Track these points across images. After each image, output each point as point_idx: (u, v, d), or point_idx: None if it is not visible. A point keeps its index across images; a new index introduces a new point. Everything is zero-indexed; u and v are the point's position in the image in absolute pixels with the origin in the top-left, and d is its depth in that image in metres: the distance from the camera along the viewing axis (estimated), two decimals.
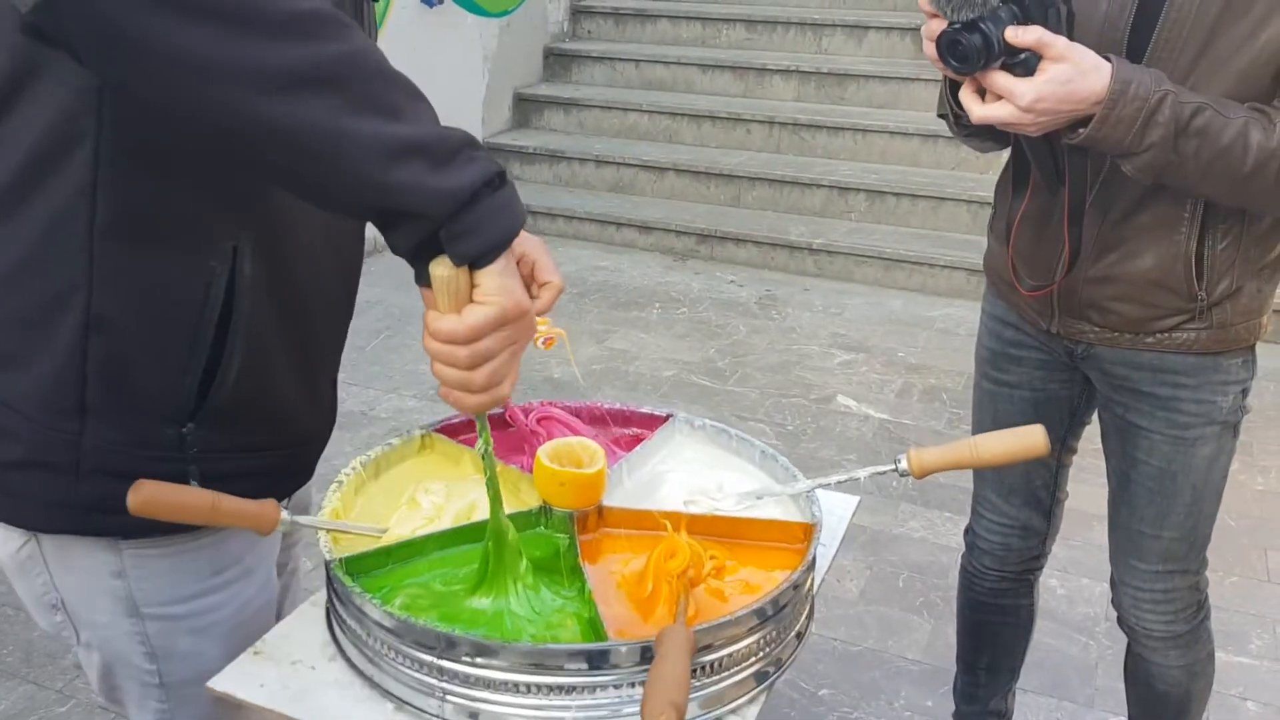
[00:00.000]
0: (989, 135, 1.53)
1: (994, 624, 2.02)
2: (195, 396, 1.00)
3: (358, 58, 0.81)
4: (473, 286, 0.85)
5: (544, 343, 1.15)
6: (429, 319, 0.87)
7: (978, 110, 1.35)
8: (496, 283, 0.85)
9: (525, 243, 1.08)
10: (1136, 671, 1.86)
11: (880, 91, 5.51)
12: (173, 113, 0.81)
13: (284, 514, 1.07)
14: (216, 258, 0.96)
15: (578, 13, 6.40)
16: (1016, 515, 1.88)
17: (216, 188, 0.94)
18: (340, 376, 1.24)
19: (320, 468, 1.27)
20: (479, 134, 5.75)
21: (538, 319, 1.07)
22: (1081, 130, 1.32)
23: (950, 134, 1.62)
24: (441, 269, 0.84)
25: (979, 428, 1.85)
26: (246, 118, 0.78)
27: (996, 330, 1.76)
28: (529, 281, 1.06)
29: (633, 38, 6.29)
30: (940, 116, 1.58)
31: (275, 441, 1.10)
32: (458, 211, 0.82)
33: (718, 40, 6.09)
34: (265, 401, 1.06)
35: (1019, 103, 1.30)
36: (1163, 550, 1.68)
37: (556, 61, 6.22)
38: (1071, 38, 1.31)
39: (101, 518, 1.02)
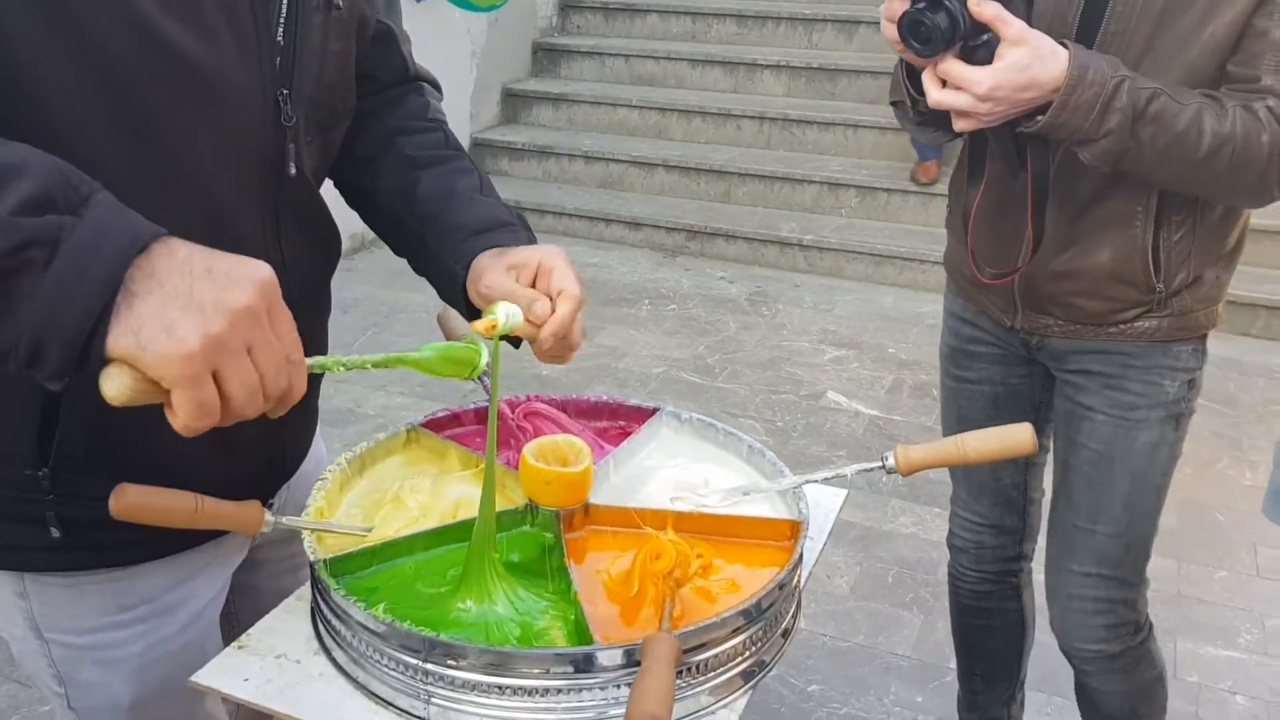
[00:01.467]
0: (941, 124, 1.49)
1: (981, 627, 2.01)
2: (36, 440, 0.94)
3: None
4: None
5: (486, 324, 1.01)
6: (171, 421, 0.75)
7: (935, 95, 1.33)
8: (159, 356, 0.69)
9: (541, 252, 1.07)
10: (1081, 693, 1.84)
11: (871, 86, 5.51)
12: None
13: (268, 515, 1.05)
14: None
15: (567, 7, 6.37)
16: (987, 514, 1.87)
17: None
18: (325, 375, 1.21)
19: (306, 464, 1.25)
20: (467, 130, 5.73)
21: (503, 303, 1.02)
22: (1040, 118, 1.31)
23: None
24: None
25: (946, 426, 1.85)
26: None
27: (955, 327, 1.76)
28: (546, 293, 1.03)
29: (622, 32, 6.27)
30: (893, 104, 1.55)
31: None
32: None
33: (708, 35, 6.08)
34: (138, 451, 0.97)
35: (976, 90, 1.29)
36: (1096, 549, 1.65)
37: (545, 56, 6.20)
38: (1030, 21, 1.30)
39: None
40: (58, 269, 0.67)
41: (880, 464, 1.14)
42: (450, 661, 0.95)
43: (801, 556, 1.09)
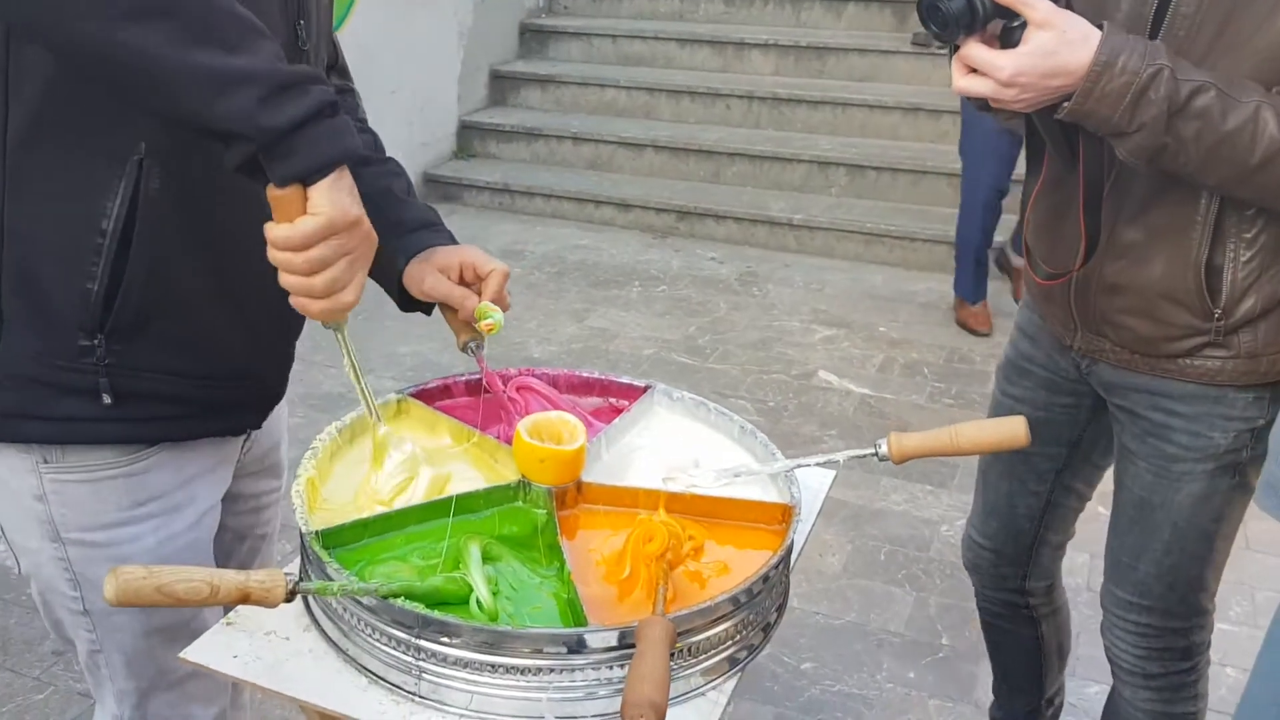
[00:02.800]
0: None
1: (995, 641, 1.92)
2: (101, 308, 1.04)
3: None
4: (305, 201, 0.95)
5: (486, 325, 1.23)
6: (267, 230, 0.96)
7: (959, 81, 1.25)
8: (325, 196, 0.94)
9: (461, 252, 1.26)
10: (1110, 704, 1.74)
11: (860, 65, 5.49)
12: (39, 40, 0.92)
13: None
14: (121, 171, 1.01)
15: None
16: (990, 537, 1.77)
17: (112, 106, 0.99)
18: (317, 359, 1.24)
19: (298, 449, 1.25)
20: (454, 112, 5.70)
21: (489, 305, 1.21)
22: (1066, 105, 1.21)
23: (930, 108, 1.56)
24: (273, 188, 0.94)
25: None
26: (93, 45, 0.88)
27: (1016, 340, 1.67)
28: (474, 281, 1.24)
29: (609, 13, 6.24)
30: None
31: (196, 370, 1.12)
32: (279, 139, 0.91)
33: (695, 14, 6.05)
34: (180, 326, 1.10)
35: (998, 76, 1.20)
36: (1137, 582, 1.56)
37: (533, 38, 6.17)
38: (1070, 6, 1.21)
39: (19, 423, 1.08)
40: (337, 122, 0.95)
41: (873, 451, 1.14)
42: (443, 639, 0.95)
43: (793, 543, 1.10)
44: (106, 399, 1.07)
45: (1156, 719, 1.65)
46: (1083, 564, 2.64)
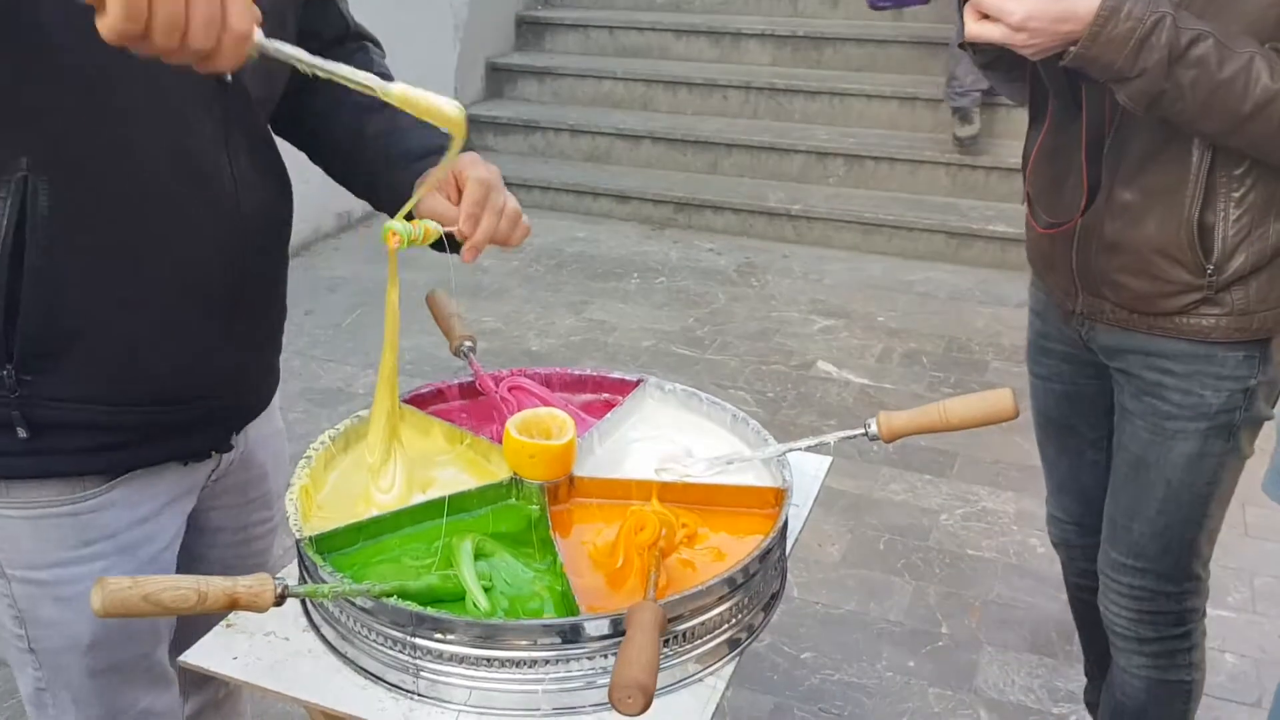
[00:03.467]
0: (1007, 64, 1.46)
1: (1083, 614, 1.94)
2: (1, 335, 0.99)
3: None
4: None
5: (393, 241, 1.06)
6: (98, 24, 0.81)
7: (972, 27, 1.30)
8: None
9: (458, 161, 1.10)
10: (1109, 675, 1.77)
11: (857, 54, 5.47)
12: None
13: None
14: (5, 192, 0.94)
15: None
16: (1068, 510, 1.83)
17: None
18: (315, 353, 1.23)
19: (296, 445, 1.25)
20: None
21: (394, 223, 1.06)
22: (1072, 49, 1.27)
23: (927, 98, 1.57)
24: None
25: (1034, 420, 1.81)
26: None
27: (1031, 321, 1.73)
28: (457, 185, 1.10)
29: (606, 4, 6.22)
30: (960, 47, 1.51)
31: (125, 396, 1.06)
32: None
33: (692, 5, 6.03)
34: (99, 350, 1.02)
35: (1009, 20, 1.26)
36: (1133, 543, 1.60)
37: (529, 30, 6.15)
38: None
39: None
40: None
41: (863, 431, 1.14)
42: (438, 635, 0.95)
43: (786, 523, 1.10)
44: (22, 432, 1.02)
45: (1152, 686, 1.68)
46: None
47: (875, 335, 3.96)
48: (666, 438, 1.27)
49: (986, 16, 1.28)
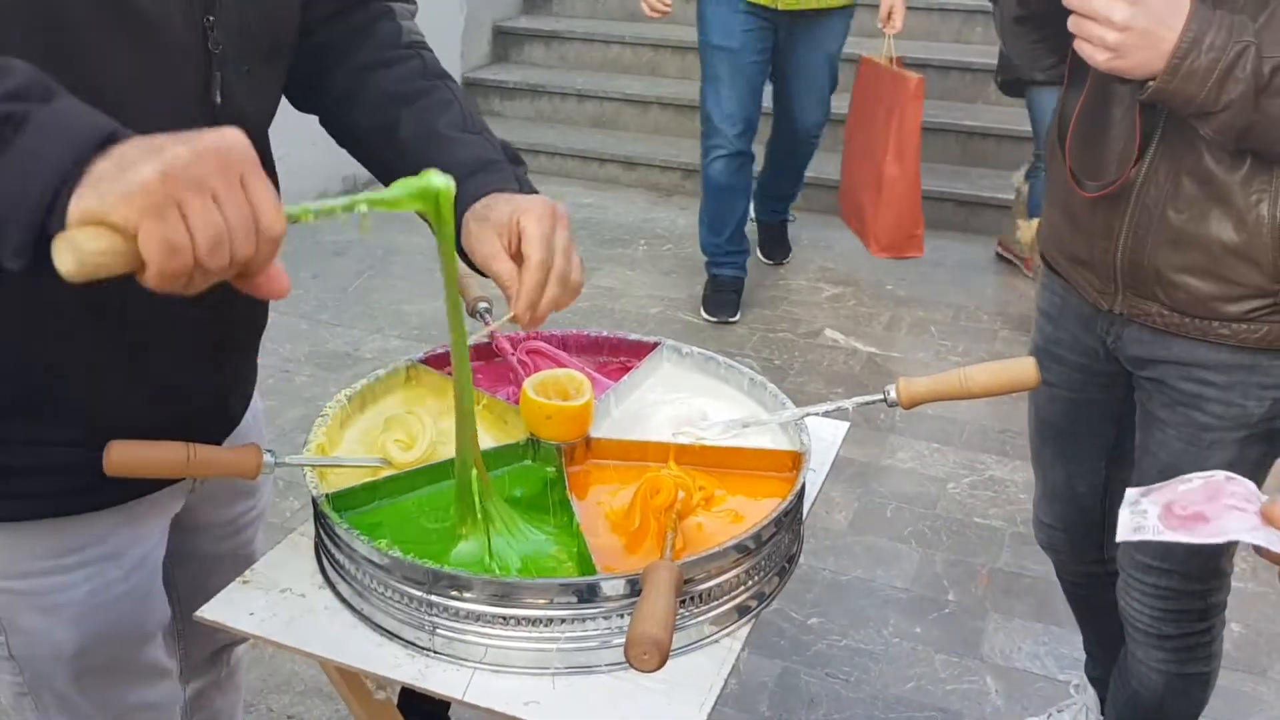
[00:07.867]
0: (1040, 20, 1.38)
1: (1081, 608, 1.92)
2: None
3: None
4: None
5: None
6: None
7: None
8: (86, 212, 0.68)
9: (517, 210, 1.02)
10: (1122, 664, 1.73)
11: (868, 20, 5.41)
12: None
13: (266, 456, 1.05)
14: None
15: None
16: (1057, 518, 1.78)
17: None
18: (322, 317, 1.21)
19: (304, 408, 1.24)
20: (457, 69, 5.64)
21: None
22: (1150, 84, 1.20)
23: (938, 64, 1.51)
24: None
25: (1030, 424, 1.76)
26: None
27: (1041, 325, 1.65)
28: (514, 252, 1.01)
29: None
30: (997, 12, 1.45)
31: (82, 438, 1.00)
32: None
33: None
34: (50, 390, 0.98)
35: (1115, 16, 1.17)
36: (1159, 547, 1.53)
37: None
38: None
39: None
40: (23, 144, 0.69)
41: (882, 397, 1.14)
42: (454, 593, 0.95)
43: (804, 487, 1.10)
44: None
45: (1169, 679, 1.65)
46: None
47: (883, 303, 3.95)
48: (683, 400, 1.27)
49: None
